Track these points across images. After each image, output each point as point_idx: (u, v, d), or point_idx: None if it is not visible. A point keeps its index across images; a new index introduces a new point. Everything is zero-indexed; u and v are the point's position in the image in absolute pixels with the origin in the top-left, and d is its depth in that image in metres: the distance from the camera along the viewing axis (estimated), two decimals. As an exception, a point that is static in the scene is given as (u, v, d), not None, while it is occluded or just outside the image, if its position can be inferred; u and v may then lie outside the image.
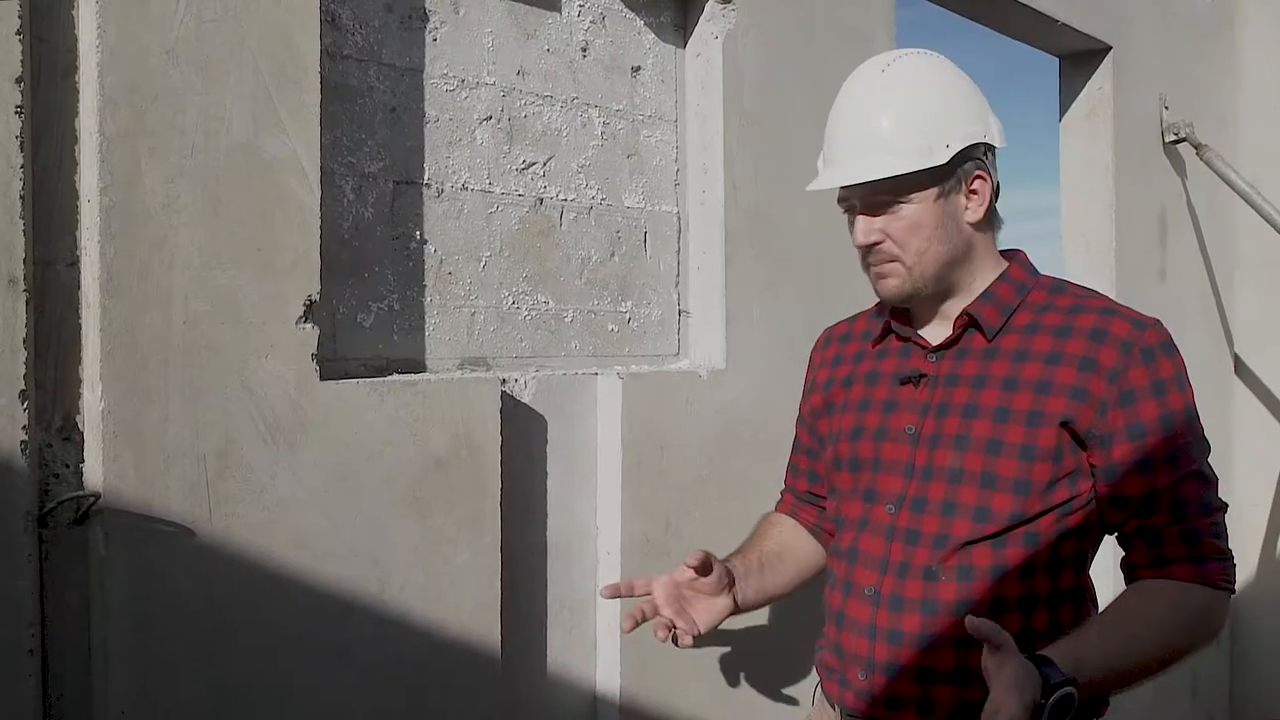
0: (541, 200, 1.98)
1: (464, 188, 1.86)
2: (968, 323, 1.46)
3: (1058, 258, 3.49)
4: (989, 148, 1.45)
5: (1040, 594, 1.40)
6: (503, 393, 1.77)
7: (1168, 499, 1.38)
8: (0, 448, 1.28)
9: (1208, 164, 3.61)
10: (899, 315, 1.55)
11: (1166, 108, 3.60)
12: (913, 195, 1.41)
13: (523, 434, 1.85)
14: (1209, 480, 1.41)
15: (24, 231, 1.29)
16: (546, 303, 1.99)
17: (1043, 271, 1.55)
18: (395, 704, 1.63)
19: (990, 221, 1.48)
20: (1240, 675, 3.98)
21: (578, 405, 1.95)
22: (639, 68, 2.14)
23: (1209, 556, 1.38)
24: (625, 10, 2.12)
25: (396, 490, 1.62)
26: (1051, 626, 1.40)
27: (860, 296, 2.44)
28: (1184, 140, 3.59)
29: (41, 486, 1.34)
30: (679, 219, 2.22)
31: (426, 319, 1.81)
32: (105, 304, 1.35)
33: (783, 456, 2.27)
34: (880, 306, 1.59)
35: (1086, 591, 1.47)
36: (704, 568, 1.54)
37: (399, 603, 1.62)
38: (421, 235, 1.80)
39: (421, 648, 1.65)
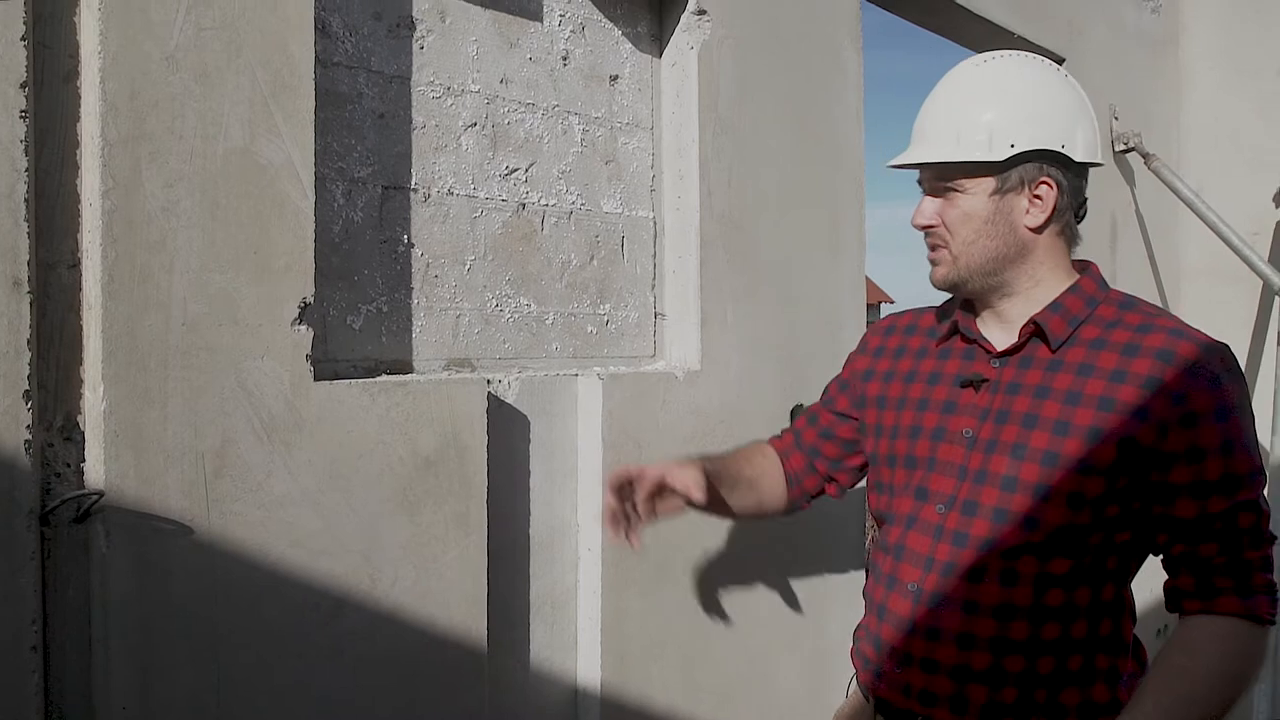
0: (523, 205, 2.02)
1: (449, 193, 1.90)
2: (1034, 331, 1.46)
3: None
4: (1070, 161, 1.44)
5: (1081, 604, 1.42)
6: (488, 393, 1.81)
7: (1220, 526, 1.37)
8: (4, 447, 1.30)
9: (1155, 173, 3.75)
10: (968, 316, 1.55)
11: (1116, 118, 3.73)
12: (965, 184, 1.43)
13: (506, 433, 1.89)
14: (1263, 511, 1.40)
15: (28, 234, 1.31)
16: (528, 305, 2.03)
17: None
18: (386, 697, 1.66)
19: (1062, 233, 1.48)
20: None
21: (559, 405, 2.00)
22: (617, 76, 2.19)
23: (1258, 589, 1.39)
24: (604, 20, 2.17)
25: (387, 488, 1.66)
26: (1089, 636, 1.43)
27: (831, 302, 2.53)
28: (1133, 150, 3.73)
29: (43, 485, 1.36)
30: (655, 224, 2.28)
31: (414, 321, 1.84)
32: (106, 306, 1.37)
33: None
34: (947, 305, 1.60)
35: (1126, 605, 1.49)
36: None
37: (390, 599, 1.66)
38: (409, 239, 1.84)
39: (411, 642, 1.69)
